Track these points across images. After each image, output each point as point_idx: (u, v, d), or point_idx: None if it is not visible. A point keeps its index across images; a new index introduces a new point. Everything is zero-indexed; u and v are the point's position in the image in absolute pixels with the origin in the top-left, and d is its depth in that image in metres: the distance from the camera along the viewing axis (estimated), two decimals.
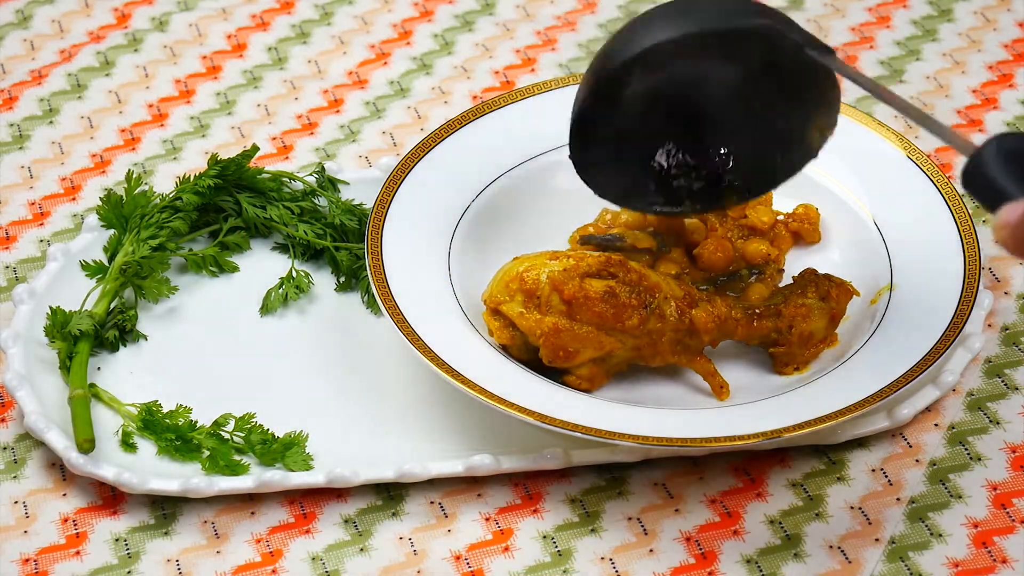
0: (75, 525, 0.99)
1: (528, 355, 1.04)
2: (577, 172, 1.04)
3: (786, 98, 1.01)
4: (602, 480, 1.01)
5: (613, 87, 1.01)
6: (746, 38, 0.99)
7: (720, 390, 1.04)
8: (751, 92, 1.02)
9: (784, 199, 1.13)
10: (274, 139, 1.25)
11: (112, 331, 1.07)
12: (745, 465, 1.02)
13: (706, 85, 1.02)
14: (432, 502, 1.00)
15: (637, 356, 1.03)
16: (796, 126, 1.02)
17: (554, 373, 1.03)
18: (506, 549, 0.98)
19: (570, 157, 1.03)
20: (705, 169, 1.05)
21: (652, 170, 1.05)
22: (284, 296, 1.11)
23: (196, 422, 1.03)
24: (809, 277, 1.06)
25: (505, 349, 1.04)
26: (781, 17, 0.99)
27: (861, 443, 1.03)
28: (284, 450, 1.01)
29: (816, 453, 1.03)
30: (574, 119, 1.02)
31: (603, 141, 1.03)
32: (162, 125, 1.26)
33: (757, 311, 1.04)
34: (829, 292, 1.05)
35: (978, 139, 1.23)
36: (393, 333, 1.03)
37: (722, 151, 1.04)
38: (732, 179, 1.05)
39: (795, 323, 1.04)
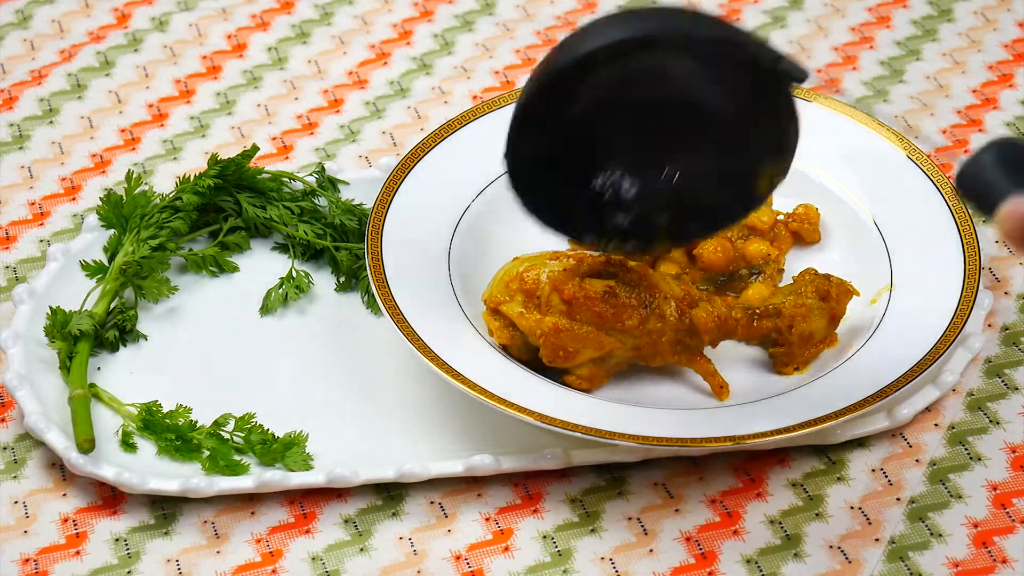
0: (75, 525, 0.99)
1: (528, 355, 1.04)
2: (509, 181, 0.97)
3: (740, 132, 0.96)
4: (602, 480, 1.01)
5: (557, 90, 0.94)
6: (706, 51, 0.93)
7: (720, 390, 1.04)
8: (702, 118, 0.96)
9: (784, 199, 1.13)
10: (274, 139, 1.25)
11: (112, 331, 1.07)
12: (745, 465, 1.02)
13: (653, 103, 0.95)
14: (432, 502, 1.00)
15: (637, 356, 1.03)
16: (745, 167, 0.97)
17: (554, 373, 1.03)
18: (506, 549, 0.98)
19: (504, 157, 0.96)
20: (641, 203, 0.98)
21: (586, 196, 0.98)
22: (284, 296, 1.11)
23: (196, 422, 1.03)
24: (809, 277, 1.06)
25: (505, 349, 1.04)
26: (751, 34, 0.92)
27: (861, 443, 1.03)
28: (284, 450, 1.01)
29: (816, 453, 1.03)
30: (511, 125, 0.95)
31: (540, 151, 0.97)
32: (162, 125, 1.26)
33: (757, 311, 1.04)
34: (829, 292, 1.05)
35: (978, 139, 1.24)
36: (393, 333, 1.03)
37: (661, 184, 0.98)
38: (667, 219, 0.99)
39: (795, 323, 1.04)
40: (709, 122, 0.96)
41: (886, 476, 1.01)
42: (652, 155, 0.98)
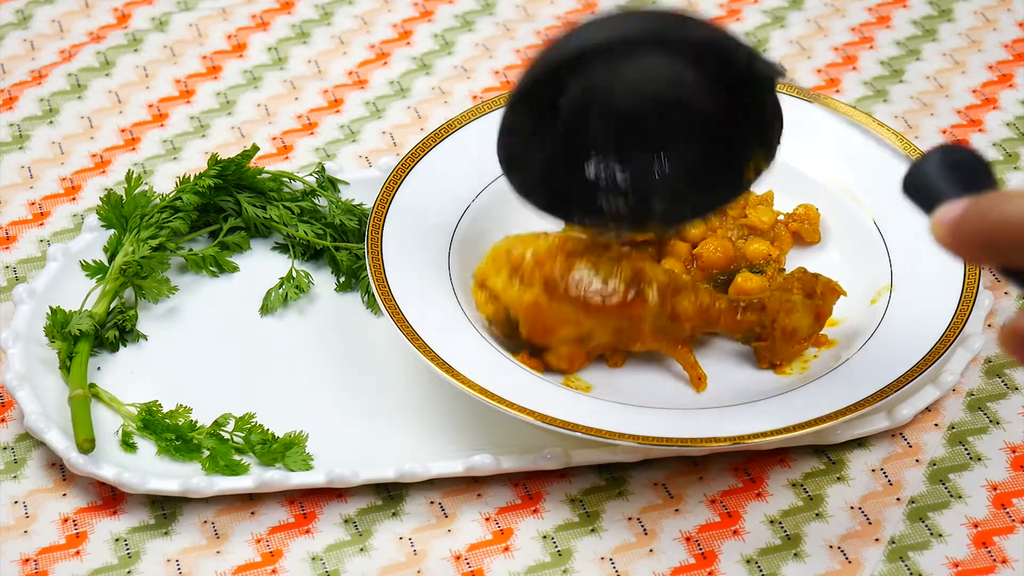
0: (75, 525, 0.99)
1: (511, 332, 1.04)
2: (503, 170, 1.01)
3: (727, 122, 1.00)
4: (602, 480, 1.01)
5: (548, 85, 0.98)
6: (693, 50, 0.97)
7: (699, 382, 1.04)
8: (691, 109, 1.00)
9: (784, 199, 1.13)
10: (274, 139, 1.25)
11: (112, 331, 1.07)
12: (745, 465, 1.02)
13: (645, 96, 1.00)
14: (432, 502, 1.00)
15: (617, 340, 1.03)
16: (732, 157, 1.01)
17: (553, 374, 1.03)
18: (506, 549, 0.98)
19: (497, 152, 1.00)
20: (633, 188, 1.02)
21: (580, 181, 1.02)
22: (284, 296, 1.11)
23: (196, 422, 1.03)
24: (796, 274, 1.06)
25: (489, 323, 1.04)
26: (730, 33, 0.96)
27: (861, 443, 1.03)
28: (284, 450, 1.01)
29: (816, 453, 1.03)
30: (505, 113, 0.99)
31: (533, 142, 1.01)
32: (162, 125, 1.26)
33: (742, 304, 1.04)
34: (815, 289, 1.05)
35: (977, 139, 1.24)
36: (393, 333, 1.03)
37: (652, 172, 1.02)
38: (660, 204, 1.02)
39: (778, 317, 1.04)
40: (694, 118, 1.00)
41: (886, 476, 1.01)
42: (641, 147, 1.02)
